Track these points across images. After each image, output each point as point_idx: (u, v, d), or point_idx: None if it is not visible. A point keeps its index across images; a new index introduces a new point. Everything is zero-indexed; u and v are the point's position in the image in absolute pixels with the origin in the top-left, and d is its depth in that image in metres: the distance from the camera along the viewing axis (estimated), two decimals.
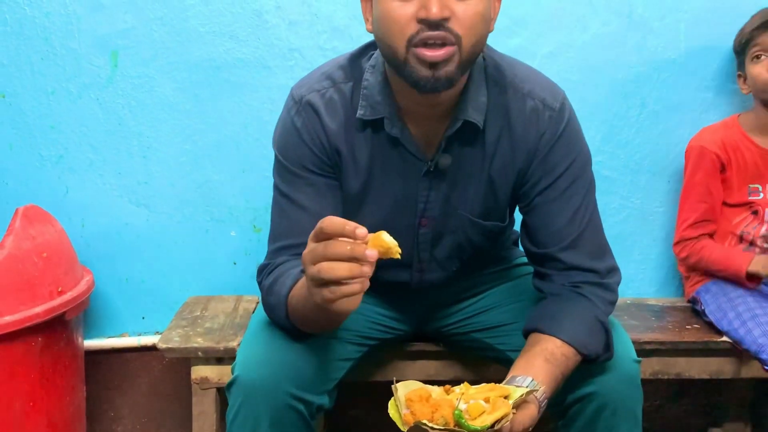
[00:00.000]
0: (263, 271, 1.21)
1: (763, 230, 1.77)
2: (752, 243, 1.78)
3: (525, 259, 1.47)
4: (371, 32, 1.15)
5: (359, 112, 1.19)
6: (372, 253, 0.89)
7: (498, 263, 1.48)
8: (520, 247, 1.49)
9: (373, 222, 1.25)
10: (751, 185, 1.77)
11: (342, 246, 0.89)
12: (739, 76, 1.81)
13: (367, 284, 0.92)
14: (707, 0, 1.87)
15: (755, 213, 1.77)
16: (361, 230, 0.90)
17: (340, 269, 0.89)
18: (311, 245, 0.94)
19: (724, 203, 1.78)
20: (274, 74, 1.82)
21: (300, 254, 1.15)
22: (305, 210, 1.20)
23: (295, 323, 1.13)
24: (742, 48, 1.77)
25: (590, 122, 1.45)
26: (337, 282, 0.90)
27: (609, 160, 1.92)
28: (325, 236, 0.92)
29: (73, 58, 1.79)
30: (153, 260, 1.89)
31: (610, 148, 1.92)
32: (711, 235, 1.79)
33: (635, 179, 1.94)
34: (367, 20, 1.16)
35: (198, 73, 1.81)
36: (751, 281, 1.70)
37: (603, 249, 1.26)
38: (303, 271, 1.09)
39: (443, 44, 1.05)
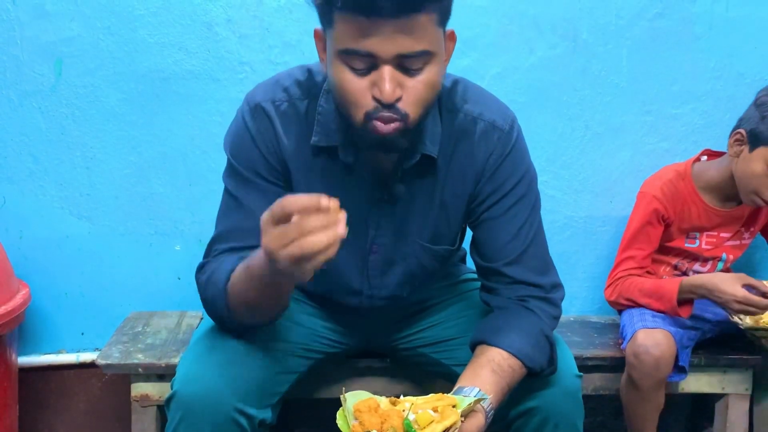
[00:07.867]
0: (202, 269, 1.20)
1: (696, 266, 1.82)
2: (685, 273, 1.82)
3: (472, 275, 1.49)
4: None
5: (314, 138, 1.19)
6: (342, 227, 0.90)
7: (445, 279, 1.48)
8: (467, 264, 1.51)
9: None
10: (689, 233, 1.79)
11: (317, 220, 0.90)
12: (739, 134, 1.64)
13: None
14: (648, 28, 1.94)
15: (690, 255, 1.81)
16: (324, 200, 0.91)
17: (321, 241, 0.90)
18: (278, 229, 0.92)
19: (663, 245, 1.78)
20: (223, 87, 1.81)
21: (242, 257, 1.13)
22: (252, 214, 1.17)
23: (236, 313, 1.12)
24: None
25: (536, 143, 1.48)
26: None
27: (553, 180, 1.96)
28: (286, 215, 0.91)
29: (14, 64, 1.74)
30: (94, 274, 1.85)
31: (554, 168, 1.96)
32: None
33: (579, 199, 1.99)
34: (321, 59, 1.13)
35: (145, 83, 1.79)
36: (683, 308, 1.66)
37: (547, 265, 1.29)
38: (242, 257, 1.08)
39: (392, 120, 1.06)
